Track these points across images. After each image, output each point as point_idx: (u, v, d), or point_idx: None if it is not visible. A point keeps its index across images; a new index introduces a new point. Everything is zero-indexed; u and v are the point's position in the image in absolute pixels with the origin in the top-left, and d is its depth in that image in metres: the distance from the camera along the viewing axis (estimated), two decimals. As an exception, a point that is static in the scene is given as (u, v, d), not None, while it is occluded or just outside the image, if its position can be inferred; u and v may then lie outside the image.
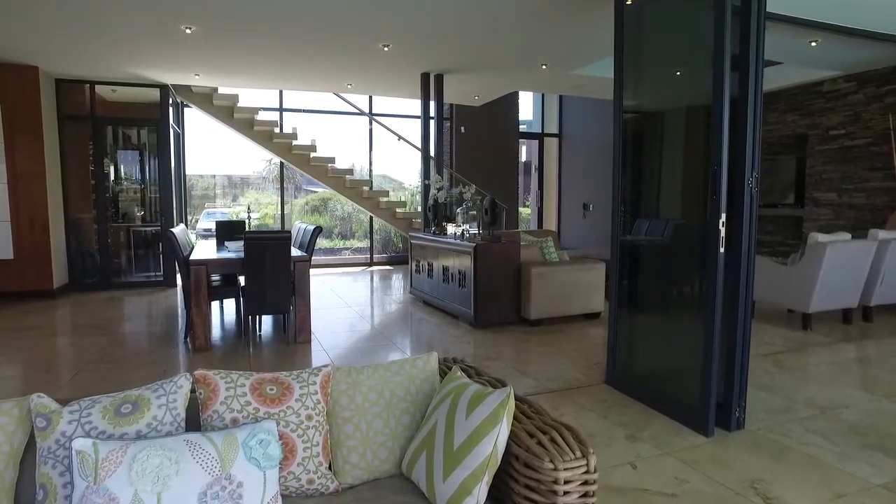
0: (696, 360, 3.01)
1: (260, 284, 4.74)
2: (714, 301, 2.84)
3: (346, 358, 4.56)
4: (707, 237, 2.87)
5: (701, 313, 3.01)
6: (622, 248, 3.74)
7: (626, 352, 3.78)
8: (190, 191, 13.28)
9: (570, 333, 5.27)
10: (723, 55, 2.73)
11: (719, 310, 2.85)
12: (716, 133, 2.78)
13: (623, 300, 3.78)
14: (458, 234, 6.06)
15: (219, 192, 14.15)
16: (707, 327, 2.90)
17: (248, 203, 13.69)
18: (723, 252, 2.81)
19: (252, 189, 14.60)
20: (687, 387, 3.17)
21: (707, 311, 2.90)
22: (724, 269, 2.83)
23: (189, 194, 13.24)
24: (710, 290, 2.86)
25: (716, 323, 2.85)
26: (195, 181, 13.49)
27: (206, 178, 13.86)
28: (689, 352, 3.26)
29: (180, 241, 5.06)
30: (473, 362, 4.45)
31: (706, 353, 2.93)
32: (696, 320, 3.15)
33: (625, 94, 3.60)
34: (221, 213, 13.22)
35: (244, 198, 13.98)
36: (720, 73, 2.74)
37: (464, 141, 10.94)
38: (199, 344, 4.68)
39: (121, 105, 8.52)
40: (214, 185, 14.06)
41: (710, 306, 2.87)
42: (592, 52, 6.35)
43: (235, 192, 14.29)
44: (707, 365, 2.93)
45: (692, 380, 3.08)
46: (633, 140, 3.66)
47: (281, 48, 6.11)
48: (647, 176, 3.64)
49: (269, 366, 4.29)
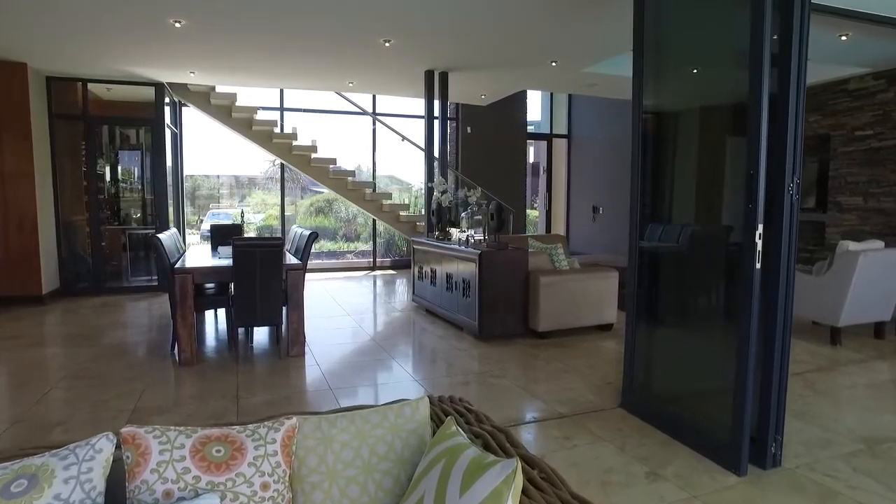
0: (726, 384, 2.68)
1: (249, 294, 4.44)
2: (748, 326, 2.50)
3: (340, 375, 4.25)
4: (741, 251, 2.53)
5: (732, 331, 2.68)
6: (640, 255, 3.39)
7: (644, 372, 3.45)
8: (195, 191, 13.11)
9: (580, 347, 4.94)
10: (761, 47, 2.40)
11: (754, 335, 2.51)
12: (753, 133, 2.44)
13: (641, 313, 3.43)
14: (462, 239, 5.74)
15: (225, 193, 13.94)
16: (740, 354, 2.56)
17: (251, 204, 13.44)
18: (759, 269, 2.47)
19: (259, 190, 14.38)
20: (715, 415, 2.83)
21: (740, 337, 2.56)
22: (760, 288, 2.49)
23: (194, 195, 13.08)
24: (745, 313, 2.52)
25: (750, 349, 2.51)
26: (201, 182, 13.31)
27: (212, 179, 13.67)
28: (717, 375, 2.93)
29: (167, 247, 4.77)
30: (477, 380, 4.16)
31: (739, 382, 2.59)
32: (725, 339, 2.83)
33: (645, 93, 3.27)
34: (226, 214, 13.01)
35: (251, 198, 13.75)
36: (758, 67, 2.40)
37: (470, 141, 10.62)
38: (186, 357, 4.39)
39: (116, 104, 8.27)
40: (220, 186, 13.85)
41: (743, 331, 2.53)
42: (606, 48, 6.00)
43: (243, 192, 14.07)
44: (740, 394, 2.59)
45: (721, 408, 2.74)
46: (653, 141, 3.32)
47: (275, 44, 5.81)
48: (669, 179, 3.30)
49: (257, 383, 3.99)
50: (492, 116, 10.32)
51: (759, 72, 2.41)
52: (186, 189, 13.26)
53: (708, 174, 3.06)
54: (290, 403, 3.57)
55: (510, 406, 3.55)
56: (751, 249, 2.47)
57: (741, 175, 2.61)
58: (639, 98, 3.25)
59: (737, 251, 2.72)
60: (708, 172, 3.06)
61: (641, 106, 3.27)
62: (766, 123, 2.41)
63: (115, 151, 8.67)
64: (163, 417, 3.29)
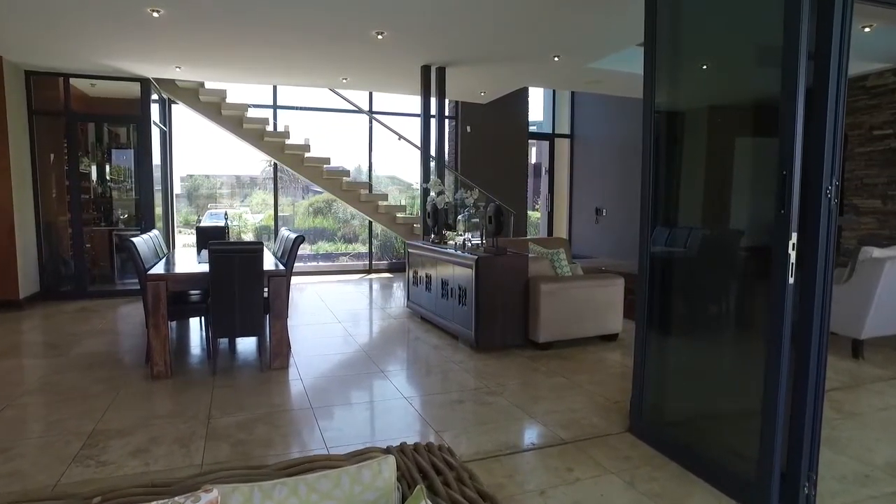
0: (751, 409, 2.36)
1: (227, 303, 4.13)
2: (779, 349, 2.17)
3: (324, 391, 3.93)
4: (771, 261, 2.20)
5: (757, 348, 2.36)
6: (652, 261, 3.06)
7: (655, 392, 3.12)
8: (196, 191, 12.87)
9: (584, 359, 4.61)
10: (797, 33, 2.07)
11: (786, 359, 2.18)
12: (786, 130, 2.12)
13: (652, 326, 3.10)
14: (458, 244, 5.41)
15: (226, 193, 13.68)
16: (770, 379, 2.23)
17: (252, 204, 13.12)
18: (792, 283, 2.15)
19: (260, 189, 14.11)
20: (738, 446, 2.51)
21: (770, 359, 2.23)
22: (792, 305, 2.16)
23: (194, 195, 12.83)
24: (775, 333, 2.19)
25: (781, 375, 2.18)
26: (201, 181, 13.08)
27: (212, 179, 13.43)
28: (741, 398, 2.61)
29: (141, 251, 4.46)
30: (472, 398, 3.83)
31: (768, 410, 2.26)
32: (750, 357, 2.51)
33: (657, 88, 2.94)
34: (224, 215, 12.75)
35: (251, 198, 13.47)
36: (793, 58, 2.08)
37: (469, 141, 10.31)
38: (159, 371, 4.07)
39: (101, 101, 7.98)
40: (222, 186, 13.58)
41: (773, 354, 2.21)
42: (613, 42, 5.68)
43: (245, 192, 13.81)
44: (769, 424, 2.26)
45: (746, 437, 2.42)
46: (667, 140, 3.00)
47: (260, 38, 5.50)
48: (685, 180, 2.97)
49: (233, 399, 3.67)
50: (492, 115, 10.00)
51: (794, 61, 2.08)
52: (187, 189, 13.04)
53: (729, 175, 2.73)
54: (264, 424, 3.25)
55: (506, 429, 3.23)
56: (783, 261, 2.14)
57: (768, 176, 2.29)
58: (651, 93, 2.93)
59: (763, 260, 2.39)
60: (729, 173, 2.73)
61: (654, 102, 2.95)
62: (801, 119, 2.08)
63: (102, 150, 8.39)
64: (122, 441, 2.98)
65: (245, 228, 12.09)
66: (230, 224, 10.89)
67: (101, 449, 2.88)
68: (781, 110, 2.13)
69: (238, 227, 12.12)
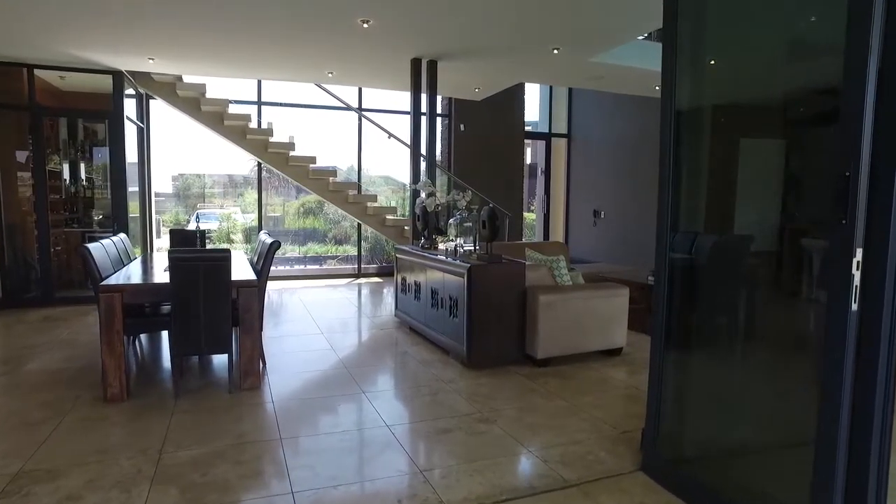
0: (797, 451, 1.96)
1: (190, 317, 3.69)
2: (839, 396, 1.76)
3: (297, 418, 3.51)
4: (830, 283, 1.80)
5: (803, 369, 1.96)
6: (671, 269, 2.64)
7: (673, 421, 2.72)
8: (187, 191, 12.50)
9: (586, 378, 4.20)
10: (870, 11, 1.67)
11: (846, 406, 1.78)
12: (850, 119, 1.71)
13: (671, 343, 2.69)
14: (449, 250, 5.00)
15: (219, 192, 13.26)
16: (826, 433, 1.83)
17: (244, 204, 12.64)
18: (856, 310, 1.74)
19: (252, 189, 13.69)
20: (781, 497, 2.10)
21: (827, 396, 1.82)
22: (855, 338, 1.76)
23: (185, 194, 12.43)
24: (833, 369, 1.79)
25: (841, 428, 1.78)
26: (192, 181, 12.69)
27: (203, 178, 13.02)
28: (783, 435, 2.21)
29: (98, 259, 4.01)
30: (462, 426, 3.38)
31: (823, 463, 1.86)
32: (795, 386, 2.11)
33: (679, 78, 2.53)
34: (213, 215, 12.40)
35: (244, 198, 13.04)
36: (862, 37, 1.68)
37: (463, 140, 9.89)
38: (113, 393, 3.63)
39: (73, 95, 7.52)
40: (214, 185, 13.16)
41: (832, 393, 1.80)
42: (617, 33, 5.28)
43: (239, 191, 13.40)
44: (824, 475, 1.86)
45: (790, 485, 2.02)
46: (690, 137, 2.59)
47: (235, 26, 5.06)
48: (714, 181, 2.57)
49: (192, 428, 3.23)
50: (487, 113, 9.59)
51: (862, 40, 1.68)
52: (176, 188, 12.62)
53: (770, 175, 2.33)
54: (223, 461, 2.82)
55: (501, 467, 2.81)
56: (844, 282, 1.73)
57: (815, 176, 1.89)
58: (671, 83, 2.52)
59: (802, 270, 2.00)
60: (767, 173, 2.33)
61: (675, 94, 2.54)
62: (872, 106, 1.68)
63: (77, 147, 7.92)
64: (50, 487, 2.54)
65: (234, 229, 11.65)
66: (218, 226, 10.43)
67: (21, 498, 2.44)
68: (844, 95, 1.72)
69: (227, 228, 11.70)
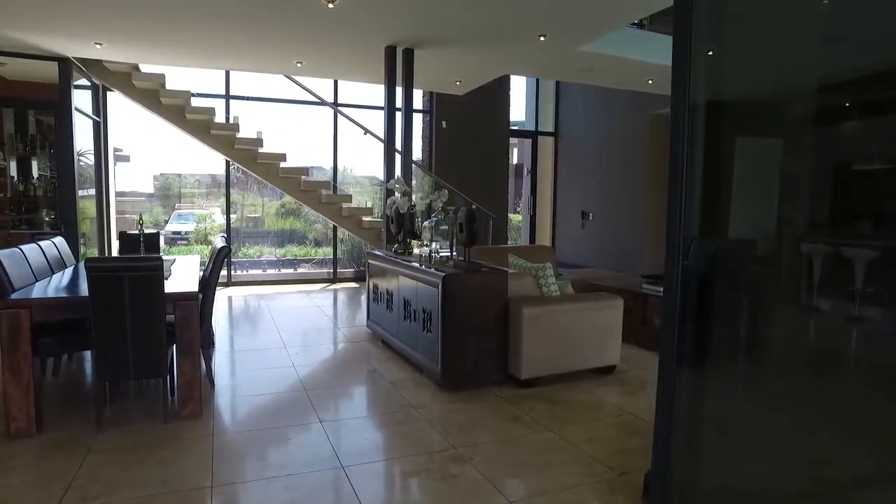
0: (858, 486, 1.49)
1: (114, 337, 3.14)
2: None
3: (238, 456, 2.97)
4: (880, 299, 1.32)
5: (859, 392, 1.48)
6: (685, 280, 2.14)
7: (686, 461, 2.23)
8: (167, 191, 11.95)
9: (576, 402, 3.72)
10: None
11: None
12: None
13: (683, 363, 2.20)
14: (424, 256, 4.49)
15: (203, 192, 12.65)
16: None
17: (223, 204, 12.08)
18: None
19: (235, 189, 13.13)
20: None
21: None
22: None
23: (165, 195, 11.90)
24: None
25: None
26: (172, 180, 12.14)
27: (183, 178, 12.45)
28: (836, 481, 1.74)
29: (7, 267, 3.43)
30: (432, 469, 2.49)
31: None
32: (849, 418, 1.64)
33: (694, 65, 2.05)
34: (192, 215, 11.85)
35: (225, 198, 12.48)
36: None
37: (445, 138, 9.39)
38: (18, 427, 3.07)
39: (17, 84, 6.89)
40: (197, 185, 12.56)
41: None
42: (609, 17, 4.81)
43: (221, 191, 12.87)
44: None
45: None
46: (706, 133, 2.11)
47: (182, 2, 4.51)
48: (742, 180, 2.09)
49: (109, 471, 2.69)
50: (470, 110, 9.10)
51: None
52: (156, 188, 12.01)
53: (811, 170, 1.86)
54: (133, 522, 2.29)
55: (476, 525, 2.31)
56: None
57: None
58: (684, 70, 2.03)
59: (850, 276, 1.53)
60: (812, 168, 1.86)
61: (689, 80, 2.05)
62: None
63: (25, 141, 7.30)
64: None
65: (213, 230, 11.08)
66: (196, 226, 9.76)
67: None
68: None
69: (205, 229, 11.14)
